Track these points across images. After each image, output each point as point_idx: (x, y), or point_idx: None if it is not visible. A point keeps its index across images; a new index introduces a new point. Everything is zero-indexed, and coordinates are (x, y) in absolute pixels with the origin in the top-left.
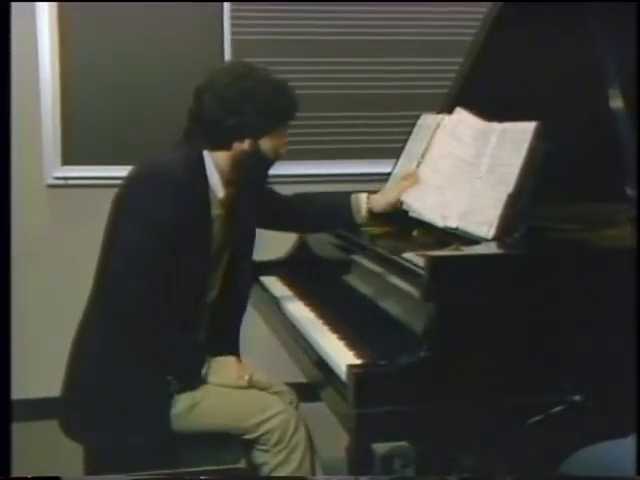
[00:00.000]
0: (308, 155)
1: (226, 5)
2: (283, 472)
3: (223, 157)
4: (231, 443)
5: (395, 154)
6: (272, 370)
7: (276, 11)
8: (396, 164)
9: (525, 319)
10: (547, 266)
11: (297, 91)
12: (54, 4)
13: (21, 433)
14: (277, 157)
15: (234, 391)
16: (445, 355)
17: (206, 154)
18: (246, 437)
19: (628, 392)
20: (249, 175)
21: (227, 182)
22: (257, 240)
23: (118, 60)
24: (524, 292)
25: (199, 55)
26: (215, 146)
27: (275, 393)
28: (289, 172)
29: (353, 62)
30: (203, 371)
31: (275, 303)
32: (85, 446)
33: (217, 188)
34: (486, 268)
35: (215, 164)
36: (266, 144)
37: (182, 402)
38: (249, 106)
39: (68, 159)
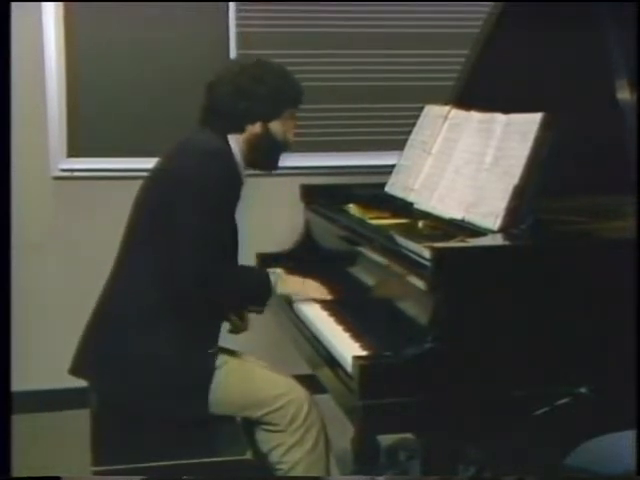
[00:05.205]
0: (312, 147)
1: None
2: (298, 453)
3: (239, 140)
4: (236, 434)
5: (400, 146)
6: (278, 361)
7: (280, 4)
8: (401, 156)
9: (531, 311)
10: (553, 258)
11: (301, 83)
12: None
13: (22, 425)
14: (286, 143)
15: (254, 366)
16: (450, 346)
17: (229, 139)
18: (257, 414)
19: (634, 385)
20: (263, 157)
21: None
22: (263, 232)
23: (123, 53)
24: (530, 284)
25: (204, 48)
26: (230, 130)
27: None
28: (294, 164)
29: (357, 54)
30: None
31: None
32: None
33: (242, 171)
34: (492, 259)
35: (236, 147)
36: (276, 127)
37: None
38: (259, 90)
39: (74, 151)
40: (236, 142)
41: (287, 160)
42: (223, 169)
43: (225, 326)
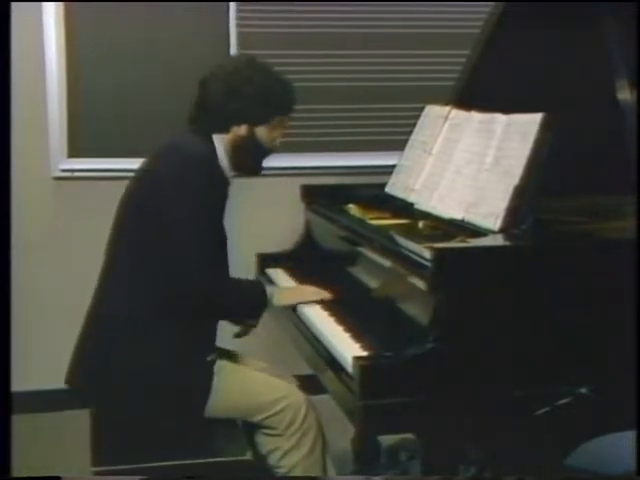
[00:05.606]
0: (312, 147)
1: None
2: (294, 457)
3: (224, 140)
4: (236, 434)
5: (401, 146)
6: (278, 362)
7: (280, 4)
8: (401, 156)
9: (531, 311)
10: (553, 258)
11: (301, 84)
12: None
13: (22, 425)
14: (271, 148)
15: (252, 370)
16: (451, 347)
17: (215, 139)
18: (256, 418)
19: (634, 385)
20: (245, 160)
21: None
22: (263, 232)
23: (124, 53)
24: (530, 284)
25: (205, 48)
26: (215, 130)
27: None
28: (294, 164)
29: (357, 54)
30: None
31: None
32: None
33: (227, 172)
34: (492, 260)
35: (221, 147)
36: (262, 133)
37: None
38: (249, 92)
39: (74, 151)
40: (221, 142)
41: (287, 160)
42: (206, 173)
43: (229, 330)
